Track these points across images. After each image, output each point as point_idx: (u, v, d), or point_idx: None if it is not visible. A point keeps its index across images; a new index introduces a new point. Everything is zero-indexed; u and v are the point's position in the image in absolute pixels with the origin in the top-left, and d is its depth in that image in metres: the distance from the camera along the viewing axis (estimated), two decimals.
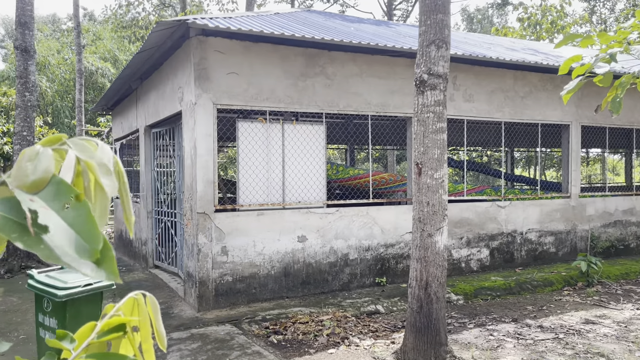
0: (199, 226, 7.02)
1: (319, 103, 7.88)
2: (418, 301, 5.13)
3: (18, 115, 11.14)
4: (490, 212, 9.58)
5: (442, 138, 5.08)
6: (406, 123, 9.05)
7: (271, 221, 7.48)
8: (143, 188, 10.39)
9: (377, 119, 12.56)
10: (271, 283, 7.50)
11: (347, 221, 8.07)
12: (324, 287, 7.92)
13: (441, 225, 5.09)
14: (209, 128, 7.08)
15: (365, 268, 8.25)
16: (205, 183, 7.06)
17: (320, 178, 7.97)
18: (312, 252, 7.79)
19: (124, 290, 7.75)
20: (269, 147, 7.58)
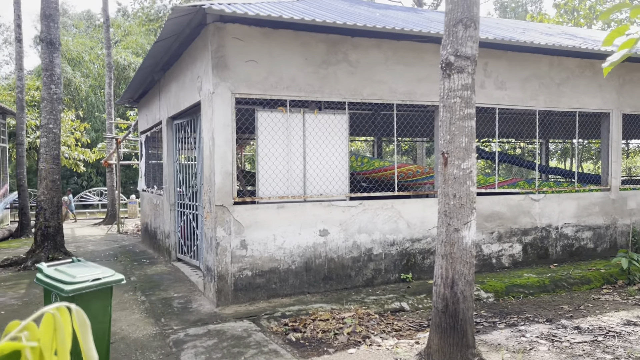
0: (217, 219, 6.83)
1: (341, 91, 7.57)
2: (443, 300, 4.79)
3: (44, 107, 11.19)
4: (524, 206, 9.10)
5: (470, 125, 4.72)
6: (434, 112, 8.65)
7: (292, 214, 7.23)
8: (166, 181, 10.29)
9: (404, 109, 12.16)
10: (292, 278, 7.26)
11: (370, 214, 7.76)
12: (347, 283, 7.63)
13: (469, 220, 4.74)
14: (227, 118, 6.86)
15: (390, 263, 7.93)
16: (224, 175, 6.86)
17: (343, 170, 7.67)
18: (334, 247, 7.52)
19: (146, 282, 7.61)
20: (290, 138, 7.32)
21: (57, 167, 11.24)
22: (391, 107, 8.68)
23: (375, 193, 7.92)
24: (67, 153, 21.97)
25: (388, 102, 7.91)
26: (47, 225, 11.10)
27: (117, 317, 6.67)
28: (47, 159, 11.12)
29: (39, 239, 11.10)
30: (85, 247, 13.26)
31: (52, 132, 11.19)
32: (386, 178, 9.79)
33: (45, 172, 11.10)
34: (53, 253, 11.03)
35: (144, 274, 9.28)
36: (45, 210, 11.09)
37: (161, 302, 7.22)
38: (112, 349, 5.54)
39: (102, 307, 4.53)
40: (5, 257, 11.25)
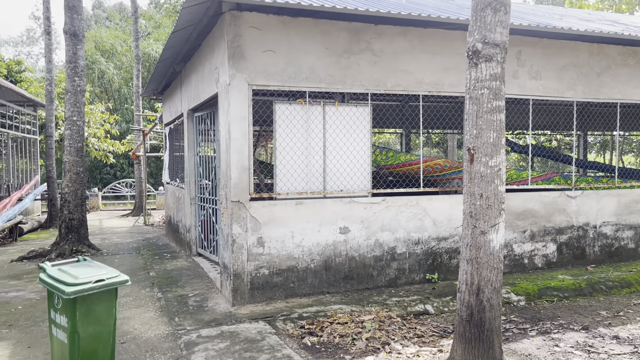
0: (233, 215, 6.59)
1: (364, 82, 7.20)
2: (468, 308, 4.43)
3: (68, 100, 11.18)
4: (559, 203, 8.57)
5: (499, 119, 4.31)
6: (463, 104, 8.19)
7: (311, 211, 6.94)
8: (187, 174, 10.14)
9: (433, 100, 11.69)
10: (310, 277, 6.99)
11: (394, 212, 7.39)
12: (368, 283, 7.31)
13: (497, 222, 4.34)
14: (244, 110, 6.59)
15: (414, 263, 7.56)
16: (240, 169, 6.60)
17: (365, 164, 7.32)
18: (356, 245, 7.19)
19: (164, 278, 7.45)
20: (309, 131, 7.01)
21: (80, 160, 11.24)
22: (417, 99, 8.26)
23: (399, 189, 7.54)
24: (97, 145, 22.23)
25: (413, 93, 7.50)
26: (71, 217, 11.12)
27: (131, 315, 6.53)
28: (71, 151, 11.12)
29: (63, 231, 11.14)
30: (110, 239, 13.30)
31: (76, 124, 11.18)
32: (413, 172, 9.39)
33: (69, 165, 11.11)
34: (77, 245, 11.06)
35: (163, 269, 9.16)
36: (69, 202, 11.11)
37: (177, 300, 7.05)
38: (122, 349, 5.38)
39: (106, 309, 4.34)
40: (32, 249, 11.33)
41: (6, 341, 5.69)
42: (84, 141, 11.41)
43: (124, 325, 6.13)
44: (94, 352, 4.29)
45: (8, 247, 12.54)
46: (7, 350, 5.39)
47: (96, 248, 11.39)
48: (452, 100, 11.83)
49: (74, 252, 10.91)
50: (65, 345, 4.20)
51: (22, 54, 53.03)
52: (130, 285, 8.09)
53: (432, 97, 8.27)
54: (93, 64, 35.17)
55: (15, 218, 13.48)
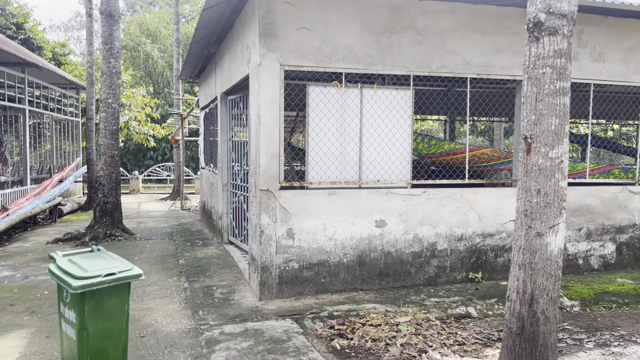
0: (262, 205, 6.19)
1: (405, 63, 6.62)
2: (519, 320, 3.87)
3: (104, 82, 11.04)
4: (620, 199, 7.78)
5: (562, 103, 3.69)
6: (515, 88, 7.48)
7: (344, 202, 6.46)
8: (220, 159, 9.83)
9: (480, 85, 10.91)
10: (343, 273, 6.53)
11: (435, 205, 6.82)
12: (405, 281, 6.79)
13: (556, 222, 3.75)
14: (275, 93, 6.14)
15: (456, 260, 6.98)
16: (270, 156, 6.18)
17: (405, 153, 6.76)
18: (392, 240, 6.68)
19: (193, 267, 7.15)
20: (344, 116, 6.50)
21: (115, 143, 11.12)
22: (464, 82, 7.60)
23: (441, 180, 6.95)
24: (138, 128, 22.36)
25: (460, 75, 6.86)
26: (106, 201, 11.05)
27: (155, 306, 6.26)
28: (106, 134, 11.01)
29: (97, 214, 11.09)
30: (146, 223, 13.24)
31: (111, 107, 11.05)
32: (457, 162, 8.76)
33: (104, 148, 11.00)
34: (111, 229, 10.99)
35: (193, 256, 8.91)
36: (103, 185, 11.03)
37: (203, 291, 6.74)
38: (141, 344, 5.09)
39: (118, 304, 4.01)
40: (68, 231, 11.35)
41: (25, 329, 5.51)
42: (118, 124, 11.27)
43: (146, 317, 5.86)
44: (104, 350, 3.98)
45: (47, 227, 12.64)
46: (25, 340, 5.20)
47: (130, 232, 11.30)
48: (501, 86, 11.03)
49: (108, 236, 10.85)
50: (73, 342, 3.91)
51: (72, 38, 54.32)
52: (157, 273, 7.90)
53: (481, 81, 7.59)
54: (138, 46, 35.52)
55: (54, 199, 13.60)
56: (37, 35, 20.67)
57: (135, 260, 8.77)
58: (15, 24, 19.84)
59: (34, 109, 15.25)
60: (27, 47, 19.52)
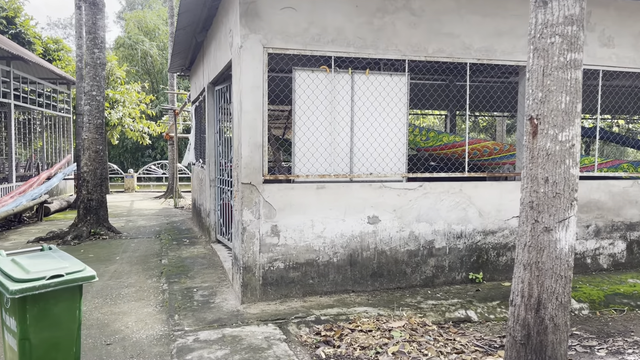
0: (244, 200, 5.70)
1: (400, 47, 6.13)
2: (524, 328, 3.37)
3: (87, 74, 10.57)
4: (630, 194, 7.27)
5: (574, 77, 3.19)
6: (519, 75, 6.98)
7: (334, 197, 5.97)
8: (208, 154, 9.34)
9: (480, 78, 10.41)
10: (333, 273, 6.04)
11: (433, 200, 6.33)
12: (401, 282, 6.30)
13: (566, 215, 3.25)
14: (257, 78, 5.65)
15: (455, 260, 6.49)
16: (252, 147, 5.69)
17: (400, 144, 6.27)
18: (386, 237, 6.19)
19: (175, 267, 6.65)
20: (334, 104, 6.01)
21: (100, 137, 10.64)
22: (464, 69, 7.11)
23: (439, 174, 6.46)
24: (132, 125, 21.89)
25: (459, 60, 6.36)
26: (90, 198, 10.58)
27: (128, 310, 5.78)
28: (90, 128, 10.54)
29: (81, 212, 10.62)
30: (135, 222, 12.77)
31: (95, 99, 10.58)
32: (457, 156, 8.27)
33: (89, 142, 10.53)
34: (95, 227, 10.51)
35: (177, 256, 8.42)
36: (87, 182, 10.56)
37: (182, 293, 6.26)
38: (105, 352, 4.61)
39: (67, 310, 3.53)
40: (51, 230, 10.88)
41: None
42: (104, 118, 10.80)
43: (116, 322, 5.38)
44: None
45: (32, 226, 12.18)
46: None
47: (115, 231, 10.82)
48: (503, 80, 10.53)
49: (92, 235, 10.38)
50: (15, 354, 3.43)
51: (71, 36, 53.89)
52: (137, 274, 7.42)
53: (482, 68, 7.09)
54: (136, 44, 35.12)
55: (40, 197, 13.13)
56: (28, 30, 20.22)
57: (117, 259, 8.30)
58: (5, 17, 19.40)
59: (20, 104, 14.78)
60: (18, 42, 19.07)
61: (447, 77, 11.81)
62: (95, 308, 5.84)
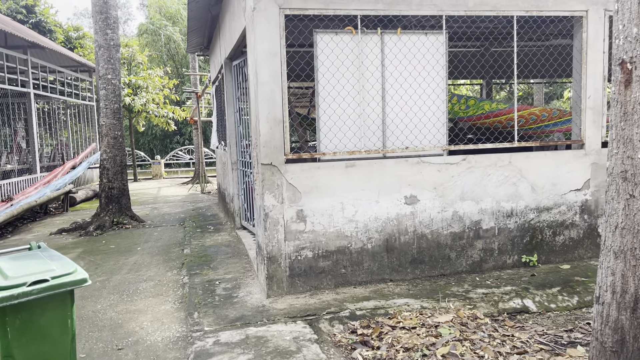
0: (265, 182, 5.08)
1: (435, 1, 5.33)
2: (616, 332, 2.66)
3: (101, 56, 10.08)
4: None
5: None
6: (573, 27, 6.09)
7: (366, 175, 5.29)
8: (228, 135, 8.76)
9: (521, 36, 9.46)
10: (367, 260, 5.39)
11: (478, 174, 5.58)
12: (444, 268, 5.61)
13: None
14: (274, 44, 4.97)
15: (505, 241, 5.75)
16: (271, 123, 5.04)
17: (439, 113, 5.52)
18: (426, 219, 5.49)
19: (198, 257, 6.09)
20: (362, 70, 5.29)
21: (118, 123, 10.18)
22: (505, 29, 6.25)
23: (484, 144, 5.69)
24: (157, 111, 21.52)
25: (505, 13, 5.53)
26: (111, 186, 10.18)
27: (144, 307, 5.27)
28: (107, 113, 10.08)
29: (103, 201, 10.23)
30: (160, 209, 12.37)
31: (111, 83, 10.09)
32: (500, 126, 7.45)
33: (106, 128, 10.09)
34: (118, 217, 10.12)
35: (200, 244, 7.92)
36: (107, 170, 10.15)
37: (203, 287, 5.73)
38: (117, 359, 4.10)
39: (57, 320, 2.99)
40: (75, 220, 10.57)
41: None
42: (121, 102, 10.32)
43: (130, 322, 4.88)
44: None
45: (56, 217, 11.92)
46: None
47: (139, 219, 10.41)
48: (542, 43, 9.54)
49: (115, 224, 10.00)
50: None
51: None
52: (157, 265, 6.93)
53: (529, 19, 6.22)
54: (159, 29, 34.80)
55: (65, 187, 12.85)
56: (48, 18, 19.94)
57: (138, 250, 7.85)
58: (25, 6, 19.14)
59: (41, 93, 14.48)
60: (38, 31, 18.82)
61: (483, 43, 10.85)
62: (110, 306, 5.36)
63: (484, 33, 8.49)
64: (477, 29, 7.95)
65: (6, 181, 12.38)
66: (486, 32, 8.36)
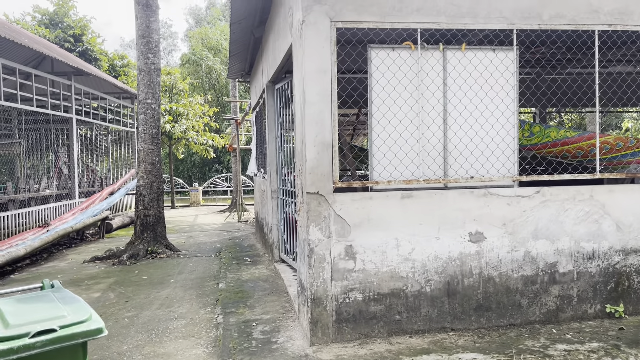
0: (310, 213, 4.52)
1: (505, 13, 4.76)
2: None
3: (141, 80, 9.90)
4: None
5: None
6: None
7: (425, 208, 4.66)
8: (269, 162, 8.29)
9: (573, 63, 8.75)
10: (426, 306, 4.71)
11: (554, 209, 4.86)
12: (514, 317, 4.86)
13: None
14: (324, 60, 4.47)
15: (586, 287, 4.97)
16: (319, 147, 4.51)
17: (508, 138, 4.87)
18: (494, 260, 4.78)
19: (233, 293, 5.32)
20: (421, 90, 4.72)
21: (156, 148, 9.90)
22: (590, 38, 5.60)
23: (561, 175, 4.98)
24: (196, 138, 21.49)
25: (585, 27, 4.89)
26: (147, 214, 9.83)
27: (173, 350, 4.72)
28: (146, 138, 9.82)
29: (138, 229, 9.89)
30: (196, 238, 11.97)
31: (150, 107, 9.86)
32: (569, 155, 6.71)
33: (144, 154, 9.81)
34: (152, 245, 9.74)
35: (237, 278, 7.37)
36: (143, 196, 9.83)
37: (239, 329, 5.14)
38: None
39: None
40: (109, 248, 10.24)
41: None
42: (159, 127, 10.06)
43: None
44: None
45: (92, 244, 11.67)
46: None
47: (174, 249, 10.00)
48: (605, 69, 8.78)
49: (149, 253, 9.61)
50: None
51: None
52: (189, 301, 6.40)
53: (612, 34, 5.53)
54: (200, 60, 35.51)
55: (102, 214, 12.65)
56: (94, 47, 20.36)
57: (171, 282, 7.37)
58: (72, 35, 19.59)
59: (83, 119, 14.51)
60: (85, 59, 19.19)
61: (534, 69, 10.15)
62: (137, 347, 4.83)
63: (545, 56, 7.81)
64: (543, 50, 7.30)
65: (44, 206, 12.26)
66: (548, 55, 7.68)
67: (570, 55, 7.21)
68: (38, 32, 19.47)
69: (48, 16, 20.55)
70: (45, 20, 20.38)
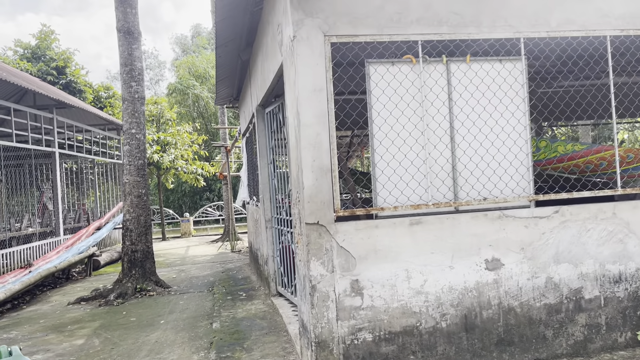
0: (310, 246, 4.08)
1: (511, 21, 4.43)
2: None
3: (125, 110, 9.49)
4: None
5: None
6: None
7: (436, 234, 4.24)
8: (261, 189, 7.86)
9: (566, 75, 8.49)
10: (442, 343, 4.25)
11: (575, 230, 4.47)
12: (539, 350, 4.41)
13: None
14: (319, 78, 4.10)
15: (614, 314, 4.55)
16: (317, 172, 4.10)
17: (522, 154, 4.50)
18: (514, 288, 4.36)
19: (228, 334, 4.80)
20: (425, 106, 4.35)
21: (142, 180, 9.44)
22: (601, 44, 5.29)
23: (581, 193, 4.60)
24: (185, 167, 21.03)
25: (596, 33, 4.58)
26: (134, 249, 9.32)
27: None
28: (131, 170, 9.36)
29: (125, 265, 9.36)
30: (188, 272, 11.42)
31: (135, 137, 9.44)
32: (577, 170, 6.35)
33: (130, 186, 9.35)
34: (141, 283, 9.20)
35: (231, 316, 6.87)
36: (131, 231, 9.32)
37: None
38: None
39: None
40: (96, 287, 9.68)
41: None
42: (145, 158, 9.62)
43: None
44: None
45: (78, 283, 11.08)
46: None
47: (164, 285, 9.46)
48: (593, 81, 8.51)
49: (138, 291, 9.06)
50: None
51: None
52: (181, 345, 5.86)
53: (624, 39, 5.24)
54: (187, 89, 35.34)
55: (88, 251, 12.09)
56: (78, 79, 20.00)
57: (161, 324, 6.85)
58: (55, 68, 19.24)
59: (66, 152, 14.04)
60: (69, 92, 18.81)
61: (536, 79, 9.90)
62: None
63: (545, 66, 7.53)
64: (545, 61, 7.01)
65: (26, 246, 11.69)
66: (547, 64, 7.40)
67: (572, 65, 6.93)
68: (20, 67, 19.10)
69: (30, 50, 20.23)
70: (27, 54, 20.05)
